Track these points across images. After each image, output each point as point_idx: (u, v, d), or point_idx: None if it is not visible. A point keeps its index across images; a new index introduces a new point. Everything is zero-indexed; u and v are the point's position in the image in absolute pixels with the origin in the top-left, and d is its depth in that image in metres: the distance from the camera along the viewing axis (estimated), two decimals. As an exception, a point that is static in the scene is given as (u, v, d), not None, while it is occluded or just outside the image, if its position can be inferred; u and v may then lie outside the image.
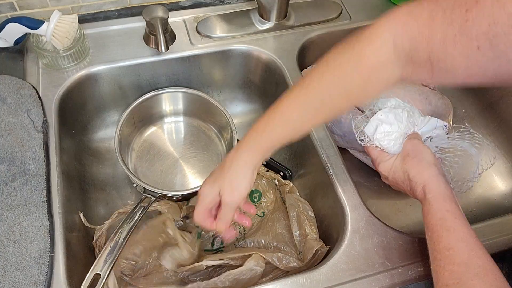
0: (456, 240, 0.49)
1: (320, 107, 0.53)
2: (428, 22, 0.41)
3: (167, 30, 0.80)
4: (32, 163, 0.64)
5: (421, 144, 0.60)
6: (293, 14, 0.88)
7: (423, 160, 0.57)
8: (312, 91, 0.52)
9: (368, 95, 0.53)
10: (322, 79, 0.51)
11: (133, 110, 0.81)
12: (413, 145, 0.59)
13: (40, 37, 0.74)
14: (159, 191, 0.71)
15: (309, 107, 0.53)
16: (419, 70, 0.45)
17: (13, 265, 0.56)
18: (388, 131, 0.60)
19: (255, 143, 0.56)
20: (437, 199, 0.53)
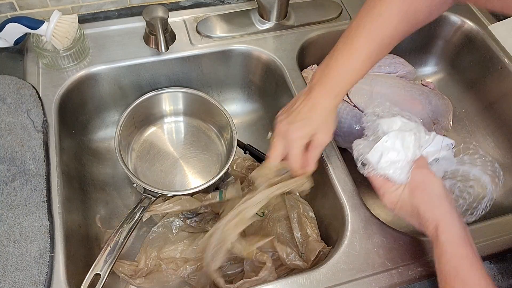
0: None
1: (393, 35, 0.54)
2: None
3: (167, 30, 0.80)
4: (32, 163, 0.64)
5: (431, 174, 0.55)
6: (293, 14, 0.88)
7: (434, 193, 0.52)
8: (384, 20, 0.53)
9: (430, 19, 0.55)
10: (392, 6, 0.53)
11: (133, 110, 0.81)
12: (423, 175, 0.54)
13: (40, 37, 0.74)
14: (159, 191, 0.71)
15: (384, 36, 0.54)
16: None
17: (13, 265, 0.56)
18: (394, 159, 0.55)
19: (342, 85, 0.57)
20: (452, 243, 0.48)
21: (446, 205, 0.51)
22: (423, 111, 0.79)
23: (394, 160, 0.55)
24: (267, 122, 0.91)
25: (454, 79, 0.99)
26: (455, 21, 0.92)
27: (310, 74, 0.88)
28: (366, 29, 0.54)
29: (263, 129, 0.91)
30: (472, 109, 0.95)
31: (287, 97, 0.81)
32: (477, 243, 0.62)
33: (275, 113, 0.89)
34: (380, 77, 0.83)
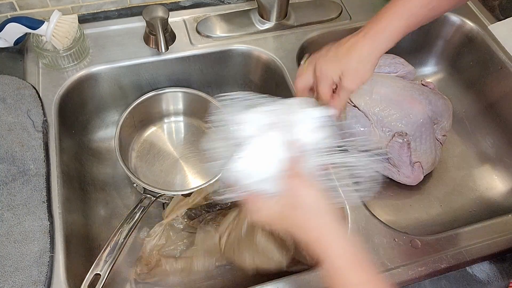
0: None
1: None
2: None
3: (167, 30, 0.80)
4: (32, 163, 0.64)
5: (305, 183, 0.47)
6: (293, 14, 0.88)
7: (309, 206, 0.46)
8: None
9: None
10: None
11: (133, 110, 0.81)
12: (296, 187, 0.46)
13: (40, 37, 0.74)
14: (159, 191, 0.71)
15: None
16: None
17: (13, 265, 0.56)
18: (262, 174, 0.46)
19: (393, 27, 0.55)
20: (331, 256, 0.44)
21: (323, 216, 0.46)
22: (423, 111, 0.79)
23: (264, 174, 0.46)
24: (267, 122, 0.91)
25: (454, 79, 0.99)
26: (455, 21, 0.92)
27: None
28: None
29: (263, 129, 0.91)
30: (472, 109, 0.95)
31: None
32: (477, 243, 0.63)
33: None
34: (380, 77, 0.83)
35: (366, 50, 0.55)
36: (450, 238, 0.63)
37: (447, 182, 0.86)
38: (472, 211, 0.82)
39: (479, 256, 0.62)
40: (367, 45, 0.55)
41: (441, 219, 0.81)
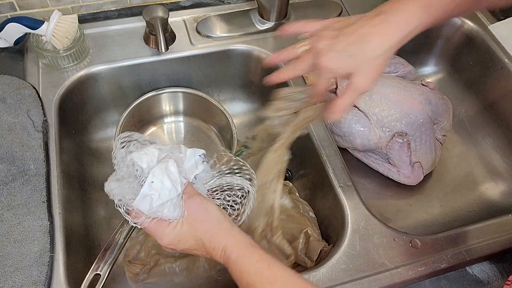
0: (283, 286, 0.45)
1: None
2: None
3: (167, 30, 0.80)
4: (32, 163, 0.64)
5: (204, 200, 0.52)
6: (293, 14, 0.88)
7: (213, 220, 0.50)
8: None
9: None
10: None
11: (133, 110, 0.81)
12: (196, 205, 0.50)
13: (40, 37, 0.74)
14: (159, 191, 0.71)
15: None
16: None
17: (13, 265, 0.56)
18: (167, 199, 0.48)
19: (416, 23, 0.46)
20: (243, 255, 0.48)
21: (227, 225, 0.50)
22: (423, 111, 0.79)
23: (167, 200, 0.48)
24: (267, 122, 0.91)
25: (454, 79, 0.99)
26: (455, 21, 0.92)
27: (310, 74, 0.88)
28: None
29: (263, 129, 0.91)
30: (472, 109, 0.95)
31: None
32: (477, 243, 0.63)
33: (275, 113, 0.89)
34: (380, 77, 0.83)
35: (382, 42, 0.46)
36: (450, 238, 0.63)
37: (447, 182, 0.86)
38: (472, 211, 0.82)
39: (479, 256, 0.62)
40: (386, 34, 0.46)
41: (441, 219, 0.81)
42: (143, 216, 0.48)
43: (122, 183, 0.50)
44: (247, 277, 0.47)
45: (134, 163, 0.50)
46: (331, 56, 0.48)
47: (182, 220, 0.50)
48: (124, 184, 0.50)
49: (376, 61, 0.47)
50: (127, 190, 0.49)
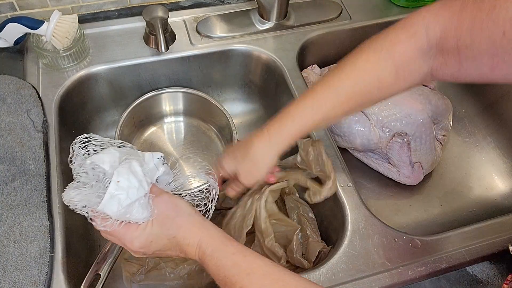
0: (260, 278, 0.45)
1: (352, 94, 0.53)
2: (459, 10, 0.43)
3: (167, 30, 0.80)
4: (32, 163, 0.64)
5: (173, 197, 0.51)
6: (293, 14, 0.88)
7: (185, 215, 0.50)
8: (345, 76, 0.53)
9: (398, 87, 0.52)
10: (356, 65, 0.52)
11: (133, 110, 0.81)
12: (166, 202, 0.50)
13: (40, 37, 0.74)
14: (159, 191, 0.71)
15: (342, 93, 0.53)
16: (447, 61, 0.46)
17: (13, 265, 0.56)
18: (135, 199, 0.46)
19: (286, 129, 0.56)
20: (219, 249, 0.47)
21: (199, 220, 0.50)
22: (423, 111, 0.79)
23: (135, 199, 0.46)
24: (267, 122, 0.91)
25: (454, 79, 0.99)
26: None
27: (310, 74, 0.88)
28: (326, 82, 0.54)
29: (263, 129, 0.91)
30: (472, 109, 0.95)
31: (287, 97, 0.81)
32: (477, 243, 0.63)
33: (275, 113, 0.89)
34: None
35: (260, 152, 0.58)
36: (450, 238, 0.63)
37: (447, 182, 0.86)
38: (472, 211, 0.82)
39: (479, 256, 0.62)
40: (262, 147, 0.58)
41: (441, 219, 0.81)
42: (112, 219, 0.46)
43: (82, 189, 0.47)
44: (224, 270, 0.46)
45: (95, 166, 0.47)
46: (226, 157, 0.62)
47: (152, 220, 0.48)
48: (85, 190, 0.47)
49: (254, 167, 0.60)
50: (91, 195, 0.46)
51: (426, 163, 0.81)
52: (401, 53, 0.49)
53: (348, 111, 0.55)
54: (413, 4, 0.91)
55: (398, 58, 0.49)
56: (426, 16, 0.47)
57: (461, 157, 0.90)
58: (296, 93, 0.78)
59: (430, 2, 0.92)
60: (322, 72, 0.90)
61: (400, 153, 0.78)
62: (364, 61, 0.51)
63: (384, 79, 0.51)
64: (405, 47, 0.49)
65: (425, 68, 0.49)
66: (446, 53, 0.46)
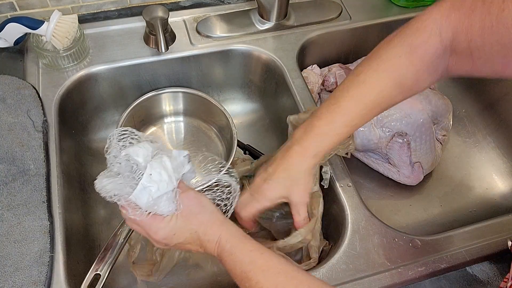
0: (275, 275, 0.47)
1: (377, 103, 0.54)
2: (469, 12, 0.44)
3: (167, 30, 0.80)
4: (32, 163, 0.64)
5: (198, 194, 0.54)
6: (293, 14, 0.88)
7: (208, 212, 0.53)
8: (370, 87, 0.54)
9: (419, 87, 0.54)
10: (378, 74, 0.53)
11: (133, 110, 0.81)
12: (191, 199, 0.53)
13: (40, 37, 0.74)
14: (159, 191, 0.71)
15: (368, 104, 0.54)
16: (461, 61, 0.48)
17: (13, 265, 0.56)
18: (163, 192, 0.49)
19: (321, 146, 0.57)
20: (237, 246, 0.50)
21: (221, 218, 0.53)
22: (423, 111, 0.79)
23: (164, 192, 0.49)
24: (267, 122, 0.91)
25: (454, 79, 0.99)
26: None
27: (310, 74, 0.88)
28: (350, 93, 0.55)
29: (263, 129, 0.91)
30: (472, 109, 0.95)
31: (287, 97, 0.81)
32: (477, 243, 0.63)
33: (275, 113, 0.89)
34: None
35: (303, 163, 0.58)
36: (450, 238, 0.63)
37: (447, 182, 0.86)
38: (472, 211, 0.82)
39: (479, 256, 0.62)
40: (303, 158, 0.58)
41: (441, 219, 0.81)
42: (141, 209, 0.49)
43: (115, 178, 0.50)
44: (241, 266, 0.48)
45: (130, 158, 0.50)
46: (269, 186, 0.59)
47: (177, 213, 0.51)
48: (118, 180, 0.50)
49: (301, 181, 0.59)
50: (123, 185, 0.49)
51: (426, 163, 0.81)
52: (419, 58, 0.50)
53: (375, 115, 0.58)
54: (413, 4, 0.91)
55: (417, 63, 0.51)
56: (437, 19, 0.48)
57: (461, 157, 0.90)
58: (296, 93, 0.78)
59: (430, 2, 0.92)
60: (322, 72, 0.90)
61: (400, 153, 0.78)
62: (384, 70, 0.53)
63: (405, 83, 0.53)
64: (422, 52, 0.50)
65: (442, 67, 0.51)
66: (459, 53, 0.48)
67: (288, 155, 0.59)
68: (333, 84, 0.85)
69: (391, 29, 0.55)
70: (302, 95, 0.78)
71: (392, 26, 0.89)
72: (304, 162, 0.58)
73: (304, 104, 0.77)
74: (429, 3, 0.92)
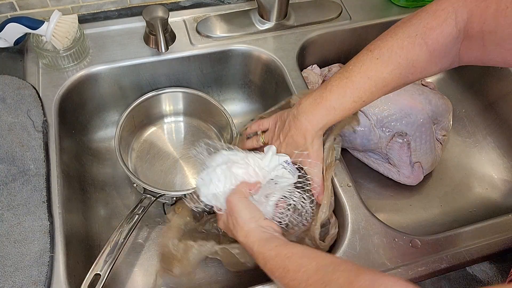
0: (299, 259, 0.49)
1: (390, 80, 0.55)
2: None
3: (167, 30, 0.80)
4: (32, 163, 0.64)
5: (240, 199, 0.59)
6: (293, 14, 0.88)
7: (240, 218, 0.57)
8: (383, 64, 0.55)
9: (430, 70, 0.54)
10: (391, 51, 0.54)
11: (133, 110, 0.81)
12: (230, 202, 0.58)
13: (40, 37, 0.74)
14: (159, 191, 0.71)
15: (379, 81, 0.55)
16: (472, 45, 0.49)
17: (13, 265, 0.56)
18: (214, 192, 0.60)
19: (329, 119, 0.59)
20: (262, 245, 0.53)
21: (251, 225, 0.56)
22: (423, 111, 0.79)
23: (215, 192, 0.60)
24: (267, 122, 0.91)
25: (454, 79, 0.99)
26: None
27: (310, 74, 0.88)
28: (363, 69, 0.56)
29: (263, 129, 0.91)
30: (472, 109, 0.95)
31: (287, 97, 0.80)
32: (477, 243, 0.63)
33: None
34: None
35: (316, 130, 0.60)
36: (450, 238, 0.63)
37: (447, 182, 0.86)
38: (472, 211, 0.82)
39: (479, 256, 0.62)
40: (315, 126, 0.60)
41: (441, 219, 0.81)
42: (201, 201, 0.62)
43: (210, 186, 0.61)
44: (272, 260, 0.51)
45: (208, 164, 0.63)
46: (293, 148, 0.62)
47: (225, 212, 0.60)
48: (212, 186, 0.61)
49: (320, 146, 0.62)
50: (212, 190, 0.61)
51: (426, 163, 0.81)
52: (434, 39, 0.51)
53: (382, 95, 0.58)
54: (413, 4, 0.91)
55: (431, 44, 0.52)
56: (454, 2, 0.50)
57: (461, 157, 0.90)
58: (296, 93, 0.78)
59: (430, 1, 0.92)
60: (322, 72, 0.90)
61: (400, 153, 0.78)
62: (400, 48, 0.53)
63: (418, 64, 0.53)
64: (437, 34, 0.51)
65: (454, 52, 0.52)
66: (471, 37, 0.49)
67: (300, 121, 0.60)
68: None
69: (391, 29, 0.55)
70: (302, 95, 0.78)
71: (392, 26, 0.89)
72: (316, 130, 0.60)
73: (304, 104, 0.77)
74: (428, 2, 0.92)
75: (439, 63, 0.54)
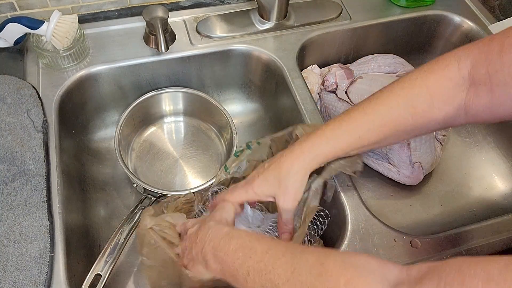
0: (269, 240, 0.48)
1: (387, 120, 0.54)
2: (488, 41, 0.47)
3: (167, 30, 0.80)
4: (32, 163, 0.64)
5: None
6: (293, 14, 0.88)
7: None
8: (381, 102, 0.55)
9: (432, 115, 0.53)
10: (391, 91, 0.54)
11: (133, 110, 0.81)
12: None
13: (40, 37, 0.74)
14: (159, 191, 0.71)
15: (376, 118, 0.55)
16: (479, 91, 0.49)
17: (13, 265, 0.56)
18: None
19: (319, 149, 0.57)
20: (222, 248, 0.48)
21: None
22: (423, 111, 0.79)
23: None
24: (267, 122, 0.91)
25: (454, 79, 0.99)
26: (454, 21, 0.92)
27: (310, 74, 0.88)
28: (361, 106, 0.56)
29: (263, 129, 0.91)
30: (472, 109, 0.95)
31: (287, 97, 0.81)
32: (477, 243, 0.63)
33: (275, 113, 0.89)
34: (380, 77, 0.83)
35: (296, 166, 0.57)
36: (450, 238, 0.63)
37: (447, 182, 0.86)
38: (472, 211, 0.82)
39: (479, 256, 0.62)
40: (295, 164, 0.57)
41: (441, 219, 0.81)
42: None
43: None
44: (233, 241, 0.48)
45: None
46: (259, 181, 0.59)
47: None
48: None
49: (290, 185, 0.57)
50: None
51: (426, 163, 0.81)
52: (434, 82, 0.52)
53: (382, 139, 0.56)
54: (413, 4, 0.91)
55: (432, 85, 0.52)
56: (458, 52, 0.51)
57: (461, 157, 0.90)
58: (296, 93, 0.78)
59: (430, 2, 0.92)
60: (322, 72, 0.90)
61: (400, 153, 0.78)
62: (400, 88, 0.54)
63: (418, 105, 0.53)
64: (438, 76, 0.51)
65: (458, 99, 0.51)
66: (478, 83, 0.49)
67: (285, 154, 0.59)
68: (333, 84, 0.85)
69: (391, 29, 0.55)
70: (302, 95, 0.78)
71: (392, 26, 0.89)
72: (297, 163, 0.57)
73: (304, 104, 0.77)
74: (429, 3, 0.92)
75: (442, 110, 0.52)
